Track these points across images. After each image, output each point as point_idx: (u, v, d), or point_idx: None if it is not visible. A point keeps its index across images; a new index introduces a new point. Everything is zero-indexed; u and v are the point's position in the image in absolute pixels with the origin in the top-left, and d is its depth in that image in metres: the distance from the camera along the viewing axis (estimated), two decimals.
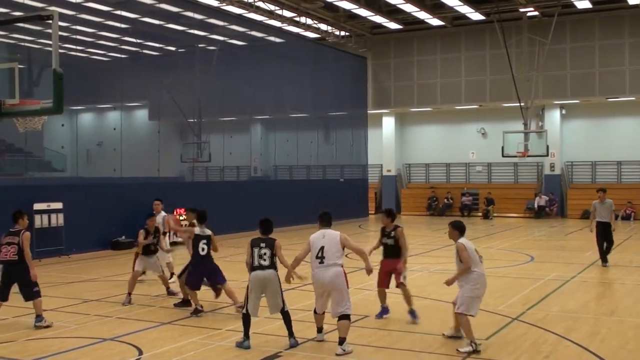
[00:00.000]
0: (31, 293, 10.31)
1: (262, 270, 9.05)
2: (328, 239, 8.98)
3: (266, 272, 9.05)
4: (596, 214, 16.76)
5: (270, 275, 9.07)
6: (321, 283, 8.92)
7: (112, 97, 29.96)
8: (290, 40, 33.37)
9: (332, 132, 35.40)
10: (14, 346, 9.19)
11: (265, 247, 9.15)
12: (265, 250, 9.11)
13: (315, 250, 8.93)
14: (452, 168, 38.40)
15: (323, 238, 8.99)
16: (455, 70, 36.10)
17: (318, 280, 8.95)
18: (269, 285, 9.08)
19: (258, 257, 9.10)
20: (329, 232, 9.09)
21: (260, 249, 9.14)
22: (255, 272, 9.09)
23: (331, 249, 8.89)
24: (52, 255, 18.56)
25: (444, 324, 10.24)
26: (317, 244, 8.95)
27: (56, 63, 8.62)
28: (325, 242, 8.93)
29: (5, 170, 32.67)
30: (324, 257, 8.86)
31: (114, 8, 26.21)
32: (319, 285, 8.98)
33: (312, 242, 9.02)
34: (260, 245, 9.18)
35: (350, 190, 34.19)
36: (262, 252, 9.11)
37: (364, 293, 13.07)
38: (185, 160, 30.94)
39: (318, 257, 8.89)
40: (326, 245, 8.89)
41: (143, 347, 8.96)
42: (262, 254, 9.10)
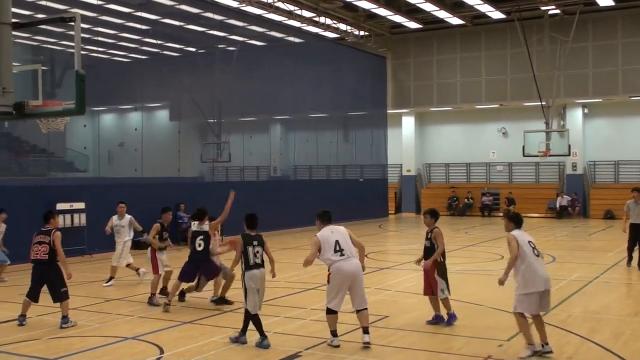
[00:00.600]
0: (59, 294, 10.37)
1: (258, 268, 9.16)
2: (338, 233, 9.00)
3: (261, 270, 9.20)
4: (630, 214, 16.02)
5: (264, 273, 9.26)
6: (345, 274, 8.83)
7: (133, 98, 30.19)
8: (310, 40, 33.40)
9: (351, 132, 35.37)
10: (37, 344, 9.29)
11: (258, 244, 9.25)
12: (258, 249, 9.22)
13: (330, 245, 8.87)
14: (472, 168, 38.19)
15: (332, 233, 8.98)
16: (475, 69, 35.90)
17: (342, 272, 8.83)
18: (263, 284, 9.23)
19: (253, 256, 9.13)
20: (336, 227, 9.11)
21: (254, 247, 9.19)
22: (252, 270, 9.10)
23: (346, 242, 8.93)
24: (75, 254, 18.71)
25: (464, 324, 10.19)
26: (330, 239, 8.90)
27: (78, 64, 8.69)
28: (338, 237, 8.93)
29: (29, 171, 33.04)
30: (343, 250, 8.87)
31: (135, 10, 26.41)
32: (343, 277, 8.85)
33: (324, 239, 8.94)
34: (254, 243, 9.22)
35: (370, 190, 34.13)
36: (255, 250, 9.18)
37: (383, 293, 13.05)
38: (205, 161, 31.09)
39: (337, 251, 8.85)
40: (340, 239, 8.91)
41: (164, 346, 9.02)
42: (256, 252, 9.17)
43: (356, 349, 8.84)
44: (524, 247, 8.62)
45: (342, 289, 8.94)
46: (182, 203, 22.60)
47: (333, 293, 8.96)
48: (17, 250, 17.35)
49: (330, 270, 8.94)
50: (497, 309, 11.36)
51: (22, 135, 35.06)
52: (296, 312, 11.23)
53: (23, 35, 23.72)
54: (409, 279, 15.10)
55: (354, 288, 8.96)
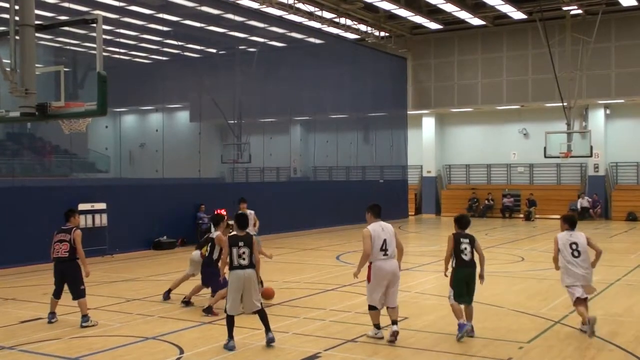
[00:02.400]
0: (79, 291, 10.48)
1: (242, 269, 8.98)
2: (387, 231, 9.25)
3: (246, 271, 8.99)
4: None
5: (250, 274, 9.02)
6: (385, 273, 9.12)
7: (154, 99, 30.37)
8: (330, 41, 33.40)
9: (371, 133, 35.31)
10: (59, 344, 9.38)
11: (244, 245, 9.03)
12: (244, 249, 9.01)
13: (379, 242, 9.13)
14: (493, 169, 37.96)
15: (383, 231, 9.21)
16: (496, 70, 35.69)
17: (382, 271, 9.12)
18: (247, 284, 8.99)
19: (237, 257, 8.99)
20: (385, 225, 9.33)
21: (239, 248, 9.01)
22: (235, 271, 8.98)
23: (391, 242, 9.23)
24: (96, 254, 18.88)
25: (484, 326, 10.13)
26: (380, 237, 9.15)
27: (100, 66, 8.76)
28: (386, 236, 9.19)
29: (52, 172, 33.39)
30: (387, 250, 9.16)
31: (156, 11, 26.58)
32: (383, 276, 9.13)
33: (375, 235, 9.15)
34: (239, 244, 9.04)
35: (390, 191, 34.06)
36: (240, 251, 9.00)
37: (403, 295, 12.99)
38: (225, 161, 31.21)
39: (382, 250, 9.13)
40: (387, 238, 9.18)
41: (184, 346, 9.06)
42: (240, 253, 8.99)
43: (375, 351, 8.82)
44: (563, 249, 9.71)
45: (381, 286, 9.19)
46: (202, 204, 22.71)
47: (373, 290, 9.24)
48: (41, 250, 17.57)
49: (371, 267, 9.18)
50: (518, 311, 11.29)
51: (44, 136, 35.45)
52: (315, 313, 11.23)
53: (46, 37, 23.96)
54: (429, 280, 15.05)
55: (390, 286, 9.28)
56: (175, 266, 17.49)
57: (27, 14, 9.09)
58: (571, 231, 9.78)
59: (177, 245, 21.57)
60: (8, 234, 17.09)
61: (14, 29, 9.15)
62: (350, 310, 11.38)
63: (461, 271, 9.44)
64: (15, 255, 17.00)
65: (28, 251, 17.23)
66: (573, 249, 9.64)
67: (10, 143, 35.21)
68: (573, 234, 9.76)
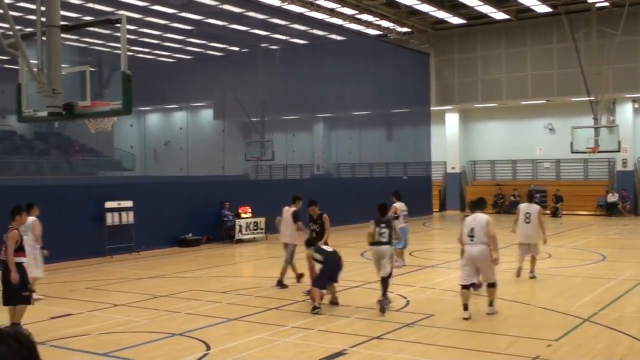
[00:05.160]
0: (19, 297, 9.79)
1: (380, 245, 11.23)
2: (477, 222, 10.65)
3: (384, 246, 11.23)
4: None
5: (386, 249, 11.28)
6: (469, 255, 10.60)
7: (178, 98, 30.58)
8: (352, 37, 33.34)
9: (394, 129, 35.18)
10: (88, 340, 9.48)
11: (385, 227, 11.25)
12: (385, 230, 11.22)
13: (467, 229, 10.66)
14: (518, 164, 37.63)
15: (473, 220, 10.71)
16: (520, 64, 35.34)
17: (467, 253, 10.65)
18: (381, 256, 11.26)
19: (379, 235, 11.22)
20: (478, 216, 10.78)
21: (381, 228, 11.24)
22: (375, 246, 11.30)
23: (479, 230, 10.52)
24: (123, 252, 19.07)
25: (511, 323, 10.06)
26: (469, 225, 10.69)
27: (125, 65, 8.83)
28: (475, 224, 10.62)
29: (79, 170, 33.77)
30: (474, 236, 10.55)
31: (179, 10, 26.74)
32: (468, 258, 10.63)
33: (466, 223, 10.81)
34: (381, 225, 11.27)
35: (414, 187, 33.91)
36: (382, 230, 11.24)
37: (428, 292, 12.95)
38: (249, 159, 31.32)
39: (470, 236, 10.61)
40: (476, 227, 10.57)
41: (211, 343, 9.11)
42: (381, 232, 11.24)
43: (401, 348, 8.80)
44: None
45: (467, 267, 10.64)
46: (226, 201, 22.81)
47: (462, 270, 10.80)
48: (68, 248, 17.78)
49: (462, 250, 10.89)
50: (546, 309, 11.18)
51: (72, 135, 35.87)
52: (341, 309, 11.23)
53: (71, 38, 24.21)
54: (455, 277, 14.94)
55: (481, 267, 10.63)
56: (200, 263, 17.62)
57: (53, 15, 9.18)
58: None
59: (202, 243, 21.70)
60: None
61: (40, 30, 9.25)
62: (375, 307, 11.36)
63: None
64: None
65: (56, 249, 17.38)
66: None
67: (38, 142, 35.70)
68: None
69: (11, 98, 10.09)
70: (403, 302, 11.75)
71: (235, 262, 19.16)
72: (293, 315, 10.90)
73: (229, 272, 16.57)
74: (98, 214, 18.79)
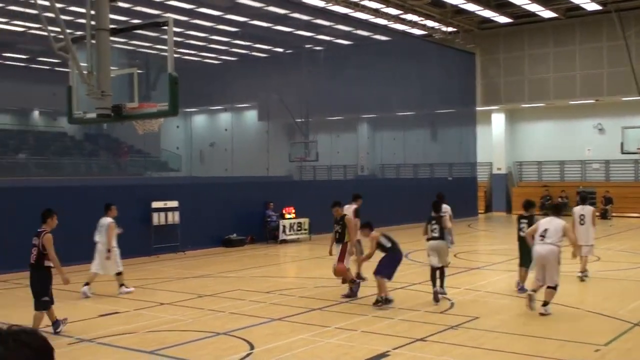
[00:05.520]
0: (40, 302, 9.69)
1: (435, 240, 12.12)
2: (553, 224, 10.92)
3: (437, 241, 12.16)
4: None
5: (440, 243, 12.18)
6: (538, 254, 10.86)
7: (223, 99, 30.93)
8: (396, 38, 33.19)
9: (439, 129, 34.89)
10: (134, 338, 9.65)
11: (436, 223, 12.21)
12: (436, 226, 12.18)
13: (541, 230, 10.93)
14: (566, 166, 36.93)
15: (549, 223, 10.97)
16: (569, 63, 34.67)
17: (536, 252, 10.93)
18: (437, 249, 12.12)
19: (431, 231, 12.15)
20: (555, 220, 11.03)
21: (432, 224, 12.20)
22: (430, 241, 12.17)
23: (553, 232, 10.77)
24: (168, 251, 19.35)
25: (559, 326, 9.88)
26: (543, 226, 10.96)
27: (171, 67, 8.95)
28: (549, 226, 10.88)
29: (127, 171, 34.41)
30: (545, 237, 10.80)
31: (224, 12, 27.00)
32: (537, 257, 10.92)
33: (540, 224, 11.08)
34: (432, 222, 12.23)
35: (459, 189, 33.58)
36: (433, 227, 12.18)
37: (473, 294, 12.81)
38: (293, 160, 31.46)
39: (541, 236, 10.83)
40: (550, 229, 10.82)
41: (254, 342, 9.17)
42: (433, 229, 12.15)
43: (444, 350, 8.72)
44: None
45: (539, 265, 10.91)
46: (270, 202, 22.94)
47: (535, 267, 11.17)
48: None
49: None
50: (595, 313, 10.95)
51: (120, 137, 36.61)
52: (384, 311, 11.19)
53: (120, 41, 24.68)
54: (500, 279, 14.77)
55: (546, 267, 10.78)
56: (244, 263, 17.76)
57: (102, 19, 9.37)
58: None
59: (246, 243, 21.86)
60: (86, 231, 17.66)
61: (90, 33, 9.45)
62: (419, 309, 11.29)
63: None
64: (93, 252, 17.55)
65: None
66: None
67: (88, 143, 36.53)
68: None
69: (62, 100, 10.34)
70: (448, 304, 11.65)
71: (279, 262, 19.25)
72: (336, 316, 10.90)
73: (272, 272, 16.66)
74: (145, 214, 19.10)
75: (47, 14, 9.72)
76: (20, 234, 15.82)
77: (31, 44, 28.60)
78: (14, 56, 32.68)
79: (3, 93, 30.17)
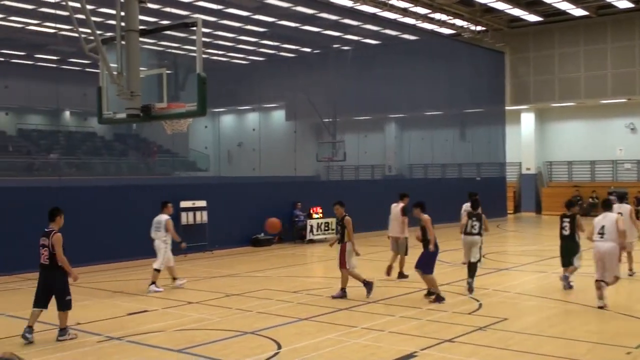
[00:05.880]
0: (64, 302, 9.52)
1: (472, 236, 13.00)
2: (607, 220, 11.25)
3: (473, 237, 13.00)
4: None
5: (476, 239, 13.02)
6: (597, 251, 11.20)
7: (251, 99, 31.06)
8: (425, 37, 33.02)
9: (468, 129, 34.63)
10: (163, 336, 9.73)
11: (476, 220, 13.03)
12: (475, 223, 13.01)
13: (597, 228, 11.26)
14: (597, 166, 36.42)
15: (604, 219, 11.28)
16: (600, 62, 34.19)
17: (595, 249, 11.26)
18: (471, 245, 12.98)
19: (470, 227, 12.98)
20: (609, 215, 11.36)
21: (472, 221, 13.01)
22: (466, 236, 13.06)
23: (609, 228, 11.11)
24: (197, 250, 19.47)
25: (589, 329, 9.74)
26: (599, 224, 11.27)
27: (200, 68, 9.02)
28: (605, 222, 11.23)
29: (156, 170, 34.73)
30: (604, 233, 11.16)
31: (253, 13, 27.10)
32: (597, 254, 11.22)
33: (596, 222, 11.35)
34: (473, 219, 13.04)
35: (488, 189, 33.28)
36: (473, 223, 13.00)
37: (502, 295, 12.69)
38: (320, 160, 31.46)
39: (599, 233, 11.21)
40: (607, 224, 11.18)
41: (282, 342, 9.19)
42: (473, 225, 12.99)
43: (473, 351, 8.64)
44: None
45: (598, 263, 11.19)
46: (298, 201, 22.97)
47: (595, 264, 11.37)
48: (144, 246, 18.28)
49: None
50: (626, 314, 10.78)
51: (149, 137, 36.96)
52: (412, 312, 11.13)
53: (149, 42, 24.92)
54: (529, 280, 14.62)
55: (607, 263, 11.11)
56: (272, 263, 17.82)
57: (132, 20, 9.48)
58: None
59: (273, 242, 21.92)
60: (115, 230, 17.89)
61: (120, 34, 9.56)
62: (447, 309, 11.22)
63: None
64: (121, 250, 17.78)
65: (134, 246, 17.97)
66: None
67: (117, 143, 36.96)
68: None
69: (92, 101, 10.47)
70: (476, 305, 11.56)
71: (306, 262, 19.27)
72: (363, 316, 10.88)
73: (300, 272, 16.69)
74: (173, 214, 19.16)
75: (78, 15, 9.85)
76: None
77: (62, 46, 29.02)
78: (45, 57, 33.19)
79: (35, 94, 30.68)
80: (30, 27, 28.26)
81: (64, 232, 9.76)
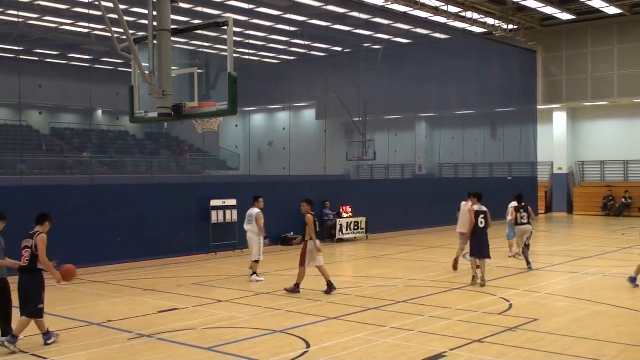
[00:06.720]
0: (34, 310, 9.07)
1: (523, 225, 15.59)
2: None
3: (525, 226, 15.65)
4: None
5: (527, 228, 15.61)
6: None
7: (282, 98, 31.09)
8: (456, 36, 32.79)
9: (499, 128, 34.32)
10: (193, 334, 9.82)
11: (524, 211, 15.61)
12: (524, 214, 15.62)
13: None
14: (630, 165, 35.82)
15: None
16: (634, 61, 33.61)
17: None
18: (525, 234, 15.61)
19: (520, 218, 15.43)
20: None
21: (521, 212, 15.47)
22: (519, 226, 15.53)
23: None
24: (227, 249, 19.61)
25: (621, 330, 9.61)
26: None
27: (231, 67, 9.06)
28: None
29: (187, 169, 35.03)
30: None
31: (284, 12, 27.17)
32: None
33: None
34: (521, 210, 15.46)
35: (519, 189, 32.93)
36: (523, 214, 15.51)
37: (532, 296, 12.56)
38: (350, 159, 31.41)
39: None
40: None
41: (310, 341, 9.22)
42: (522, 215, 15.51)
43: (502, 352, 8.58)
44: None
45: None
46: (327, 201, 22.98)
47: None
48: (175, 244, 18.48)
49: None
50: None
51: (180, 136, 37.28)
52: (441, 311, 11.09)
53: (180, 41, 25.11)
54: (560, 281, 14.46)
55: None
56: None
57: (164, 20, 9.57)
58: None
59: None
60: (147, 228, 18.10)
61: (152, 34, 9.66)
62: (477, 310, 11.15)
63: None
64: (152, 249, 17.98)
65: (164, 245, 18.19)
66: None
67: (149, 142, 37.32)
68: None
69: (124, 100, 10.60)
70: (506, 306, 11.47)
71: (335, 261, 19.26)
72: (393, 315, 10.86)
73: (329, 271, 16.68)
74: (204, 212, 19.41)
75: (110, 15, 9.97)
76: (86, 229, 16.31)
77: (95, 45, 29.41)
78: (78, 57, 33.64)
79: (68, 93, 31.11)
80: (63, 27, 28.70)
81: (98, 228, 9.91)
